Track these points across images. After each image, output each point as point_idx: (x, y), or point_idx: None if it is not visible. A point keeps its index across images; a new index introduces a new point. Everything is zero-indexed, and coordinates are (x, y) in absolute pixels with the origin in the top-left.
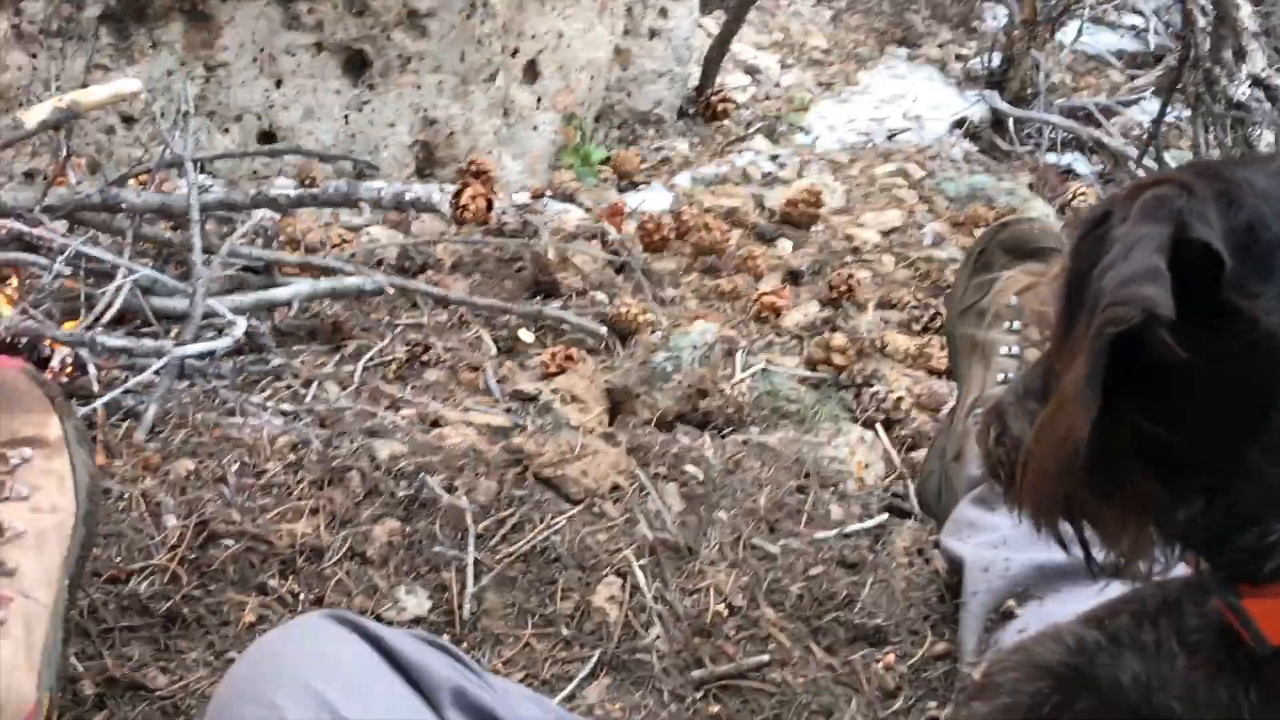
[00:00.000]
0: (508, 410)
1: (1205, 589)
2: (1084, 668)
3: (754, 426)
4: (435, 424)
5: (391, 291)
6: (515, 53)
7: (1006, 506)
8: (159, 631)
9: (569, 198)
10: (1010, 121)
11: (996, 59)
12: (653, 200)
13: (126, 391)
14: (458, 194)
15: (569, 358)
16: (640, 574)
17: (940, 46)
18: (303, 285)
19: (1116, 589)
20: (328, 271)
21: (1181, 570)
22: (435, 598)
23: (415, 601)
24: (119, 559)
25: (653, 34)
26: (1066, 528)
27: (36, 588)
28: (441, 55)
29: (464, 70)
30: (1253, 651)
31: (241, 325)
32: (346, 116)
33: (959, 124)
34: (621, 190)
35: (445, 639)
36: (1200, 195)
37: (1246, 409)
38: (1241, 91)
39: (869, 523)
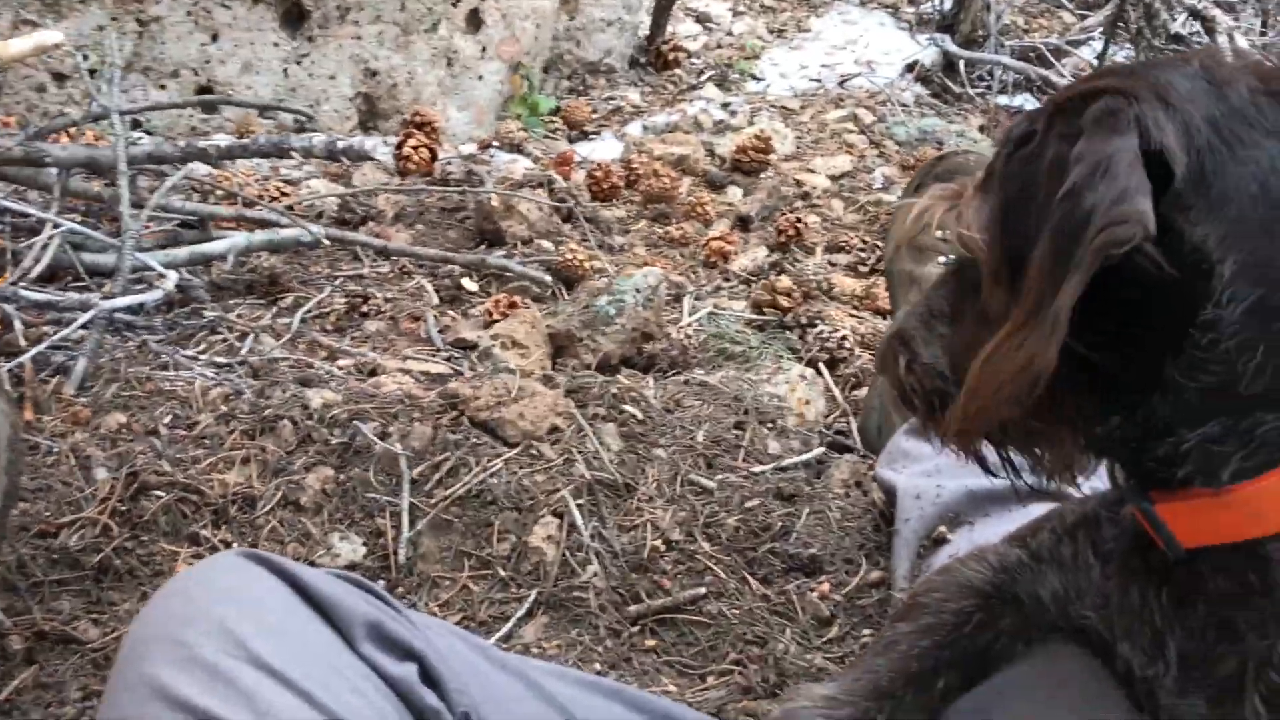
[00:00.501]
0: (448, 358)
1: (1121, 500)
2: (1007, 586)
3: (699, 369)
4: (373, 373)
5: (328, 243)
6: (457, 1)
7: (924, 435)
8: (90, 584)
9: (517, 148)
10: (961, 64)
11: (948, 2)
12: (603, 149)
13: (55, 347)
14: (400, 145)
15: (513, 305)
16: (577, 513)
17: None
18: (238, 238)
19: (1041, 509)
20: (263, 224)
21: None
22: (370, 543)
23: (350, 548)
24: (48, 513)
25: None
26: (989, 452)
27: None
28: (381, 4)
29: (404, 20)
30: (1164, 556)
31: (172, 279)
32: (286, 70)
33: (910, 68)
34: (572, 140)
35: (380, 584)
36: (1145, 99)
37: (1169, 326)
38: (1180, 25)
39: (805, 456)
